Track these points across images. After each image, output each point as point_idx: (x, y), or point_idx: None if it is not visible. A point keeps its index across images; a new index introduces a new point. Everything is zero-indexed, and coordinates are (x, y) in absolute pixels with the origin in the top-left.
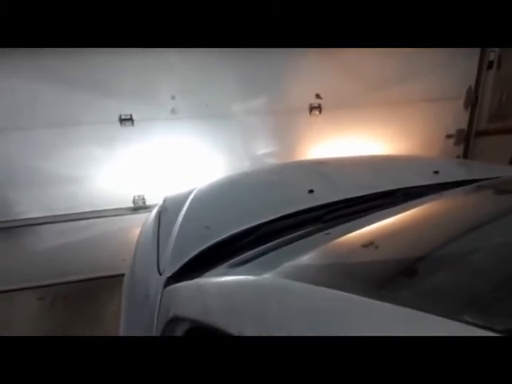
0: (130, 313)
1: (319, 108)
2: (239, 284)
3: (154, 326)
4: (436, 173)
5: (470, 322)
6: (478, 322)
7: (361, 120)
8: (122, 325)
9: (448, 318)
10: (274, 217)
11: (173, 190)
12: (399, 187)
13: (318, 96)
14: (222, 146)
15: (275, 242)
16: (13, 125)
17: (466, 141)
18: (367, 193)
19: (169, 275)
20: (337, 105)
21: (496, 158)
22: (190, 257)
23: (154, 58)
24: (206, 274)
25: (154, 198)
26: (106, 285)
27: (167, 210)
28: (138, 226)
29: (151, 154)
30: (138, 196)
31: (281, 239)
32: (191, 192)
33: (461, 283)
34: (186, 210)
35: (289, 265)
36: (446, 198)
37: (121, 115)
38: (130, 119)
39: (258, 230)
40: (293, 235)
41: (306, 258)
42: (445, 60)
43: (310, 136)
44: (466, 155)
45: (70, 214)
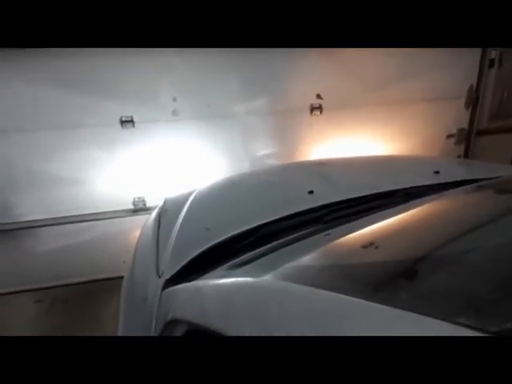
0: (129, 315)
1: (320, 108)
2: (238, 286)
3: (153, 328)
4: (437, 173)
5: (465, 324)
6: (474, 325)
7: (362, 120)
8: (120, 327)
9: (445, 320)
10: (274, 218)
11: (173, 191)
12: (400, 187)
13: (318, 96)
14: (222, 147)
15: (275, 243)
16: (14, 127)
17: (467, 140)
18: (367, 193)
19: (167, 277)
20: (338, 105)
21: (497, 158)
22: (189, 259)
23: (154, 59)
24: (204, 276)
25: (155, 200)
26: (105, 287)
27: (167, 212)
28: (138, 227)
29: (152, 155)
30: (139, 198)
31: (281, 240)
32: (191, 193)
33: (460, 284)
34: (186, 212)
35: (288, 266)
36: (447, 198)
37: (122, 117)
38: (131, 121)
39: (258, 231)
40: (293, 236)
41: (306, 260)
42: (446, 59)
43: (311, 136)
44: (466, 155)
45: (70, 216)
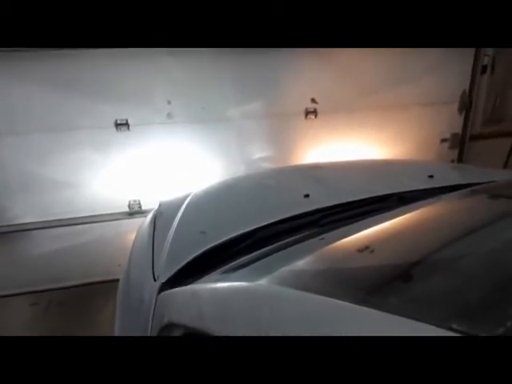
0: (125, 318)
1: (315, 112)
2: (233, 290)
3: (149, 331)
4: (431, 177)
5: (457, 329)
6: (466, 330)
7: (356, 124)
8: (116, 330)
9: (436, 325)
10: (270, 221)
11: (168, 194)
12: (394, 192)
13: (313, 100)
14: (217, 151)
15: (270, 247)
16: (8, 129)
17: (461, 145)
18: (362, 197)
19: (163, 281)
20: (332, 109)
21: (491, 162)
22: (184, 262)
23: (150, 62)
24: (200, 280)
25: (150, 203)
26: (100, 290)
27: (162, 215)
28: (134, 230)
29: (147, 158)
30: (134, 200)
31: (276, 244)
32: (187, 197)
33: (454, 289)
34: (182, 215)
35: (284, 270)
36: (441, 203)
37: (116, 120)
38: (126, 124)
39: (254, 235)
40: (288, 240)
41: (301, 264)
42: (439, 64)
43: (306, 140)
44: (460, 159)
45: (65, 219)
